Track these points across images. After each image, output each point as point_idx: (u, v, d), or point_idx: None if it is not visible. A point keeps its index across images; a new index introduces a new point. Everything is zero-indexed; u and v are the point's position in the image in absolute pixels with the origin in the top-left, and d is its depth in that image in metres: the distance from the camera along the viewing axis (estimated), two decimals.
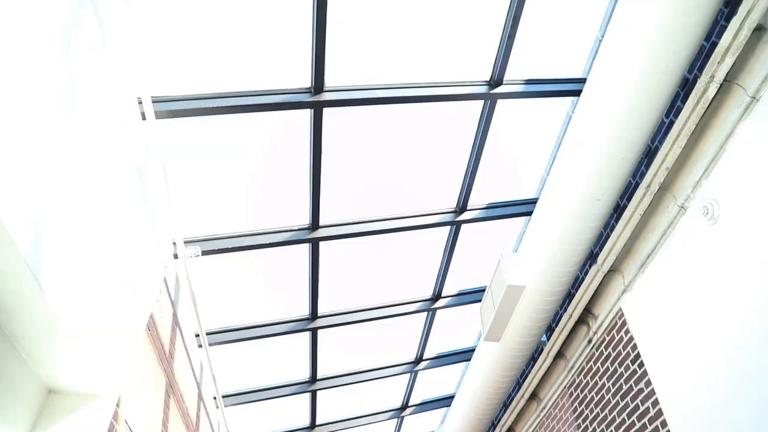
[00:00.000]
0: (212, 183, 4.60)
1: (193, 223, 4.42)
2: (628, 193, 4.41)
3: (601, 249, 4.69)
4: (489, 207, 5.07)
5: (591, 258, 4.88)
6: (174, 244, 4.19)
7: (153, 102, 3.46)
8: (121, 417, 3.31)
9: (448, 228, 5.12)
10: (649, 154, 4.17)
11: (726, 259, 3.17)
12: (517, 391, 6.11)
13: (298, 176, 4.38)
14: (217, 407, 6.14)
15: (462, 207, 4.93)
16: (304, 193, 4.45)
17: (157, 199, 3.60)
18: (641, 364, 3.96)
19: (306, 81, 3.76)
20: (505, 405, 6.80)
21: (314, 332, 5.53)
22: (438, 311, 5.95)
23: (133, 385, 3.48)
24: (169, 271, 4.09)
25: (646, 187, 3.72)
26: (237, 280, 5.33)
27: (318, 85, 3.73)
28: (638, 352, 4.01)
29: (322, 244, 4.69)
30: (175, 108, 3.55)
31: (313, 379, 6.22)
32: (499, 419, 6.85)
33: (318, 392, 6.50)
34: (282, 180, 4.71)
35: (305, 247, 4.73)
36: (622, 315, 4.25)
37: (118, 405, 3.25)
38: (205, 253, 4.33)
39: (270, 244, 4.46)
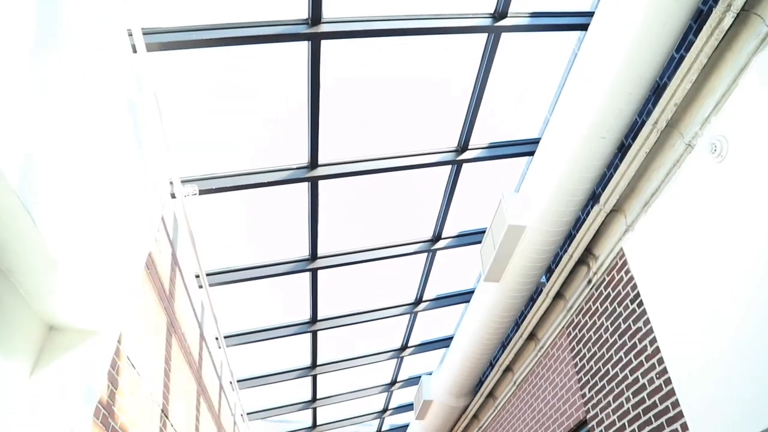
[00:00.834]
0: (208, 120, 4.49)
1: (189, 162, 4.34)
2: (633, 131, 4.32)
3: (603, 189, 4.64)
4: (491, 146, 4.98)
5: (593, 199, 4.83)
6: (171, 183, 4.13)
7: (144, 34, 3.32)
8: (123, 354, 3.33)
9: (449, 167, 5.05)
10: (657, 91, 4.06)
11: (732, 197, 3.12)
12: (516, 331, 6.18)
13: (296, 113, 4.28)
14: (219, 347, 6.23)
15: (463, 146, 4.84)
16: (302, 131, 4.35)
17: (151, 136, 3.51)
18: (640, 304, 3.97)
19: (303, 12, 3.61)
20: (504, 345, 6.91)
21: (314, 273, 5.54)
22: (438, 252, 5.94)
23: (134, 323, 3.49)
24: (166, 210, 4.05)
25: (653, 124, 3.63)
26: (236, 221, 5.29)
27: (315, 16, 3.58)
28: (638, 292, 4.01)
29: (321, 183, 4.63)
30: (167, 40, 3.41)
31: (314, 319, 6.28)
32: (498, 359, 6.97)
33: (318, 333, 6.58)
34: (280, 117, 4.60)
35: (304, 187, 4.67)
36: (623, 255, 4.23)
37: (119, 342, 3.27)
38: (202, 192, 4.27)
39: (268, 183, 4.40)
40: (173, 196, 4.19)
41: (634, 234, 4.08)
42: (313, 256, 5.35)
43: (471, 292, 6.82)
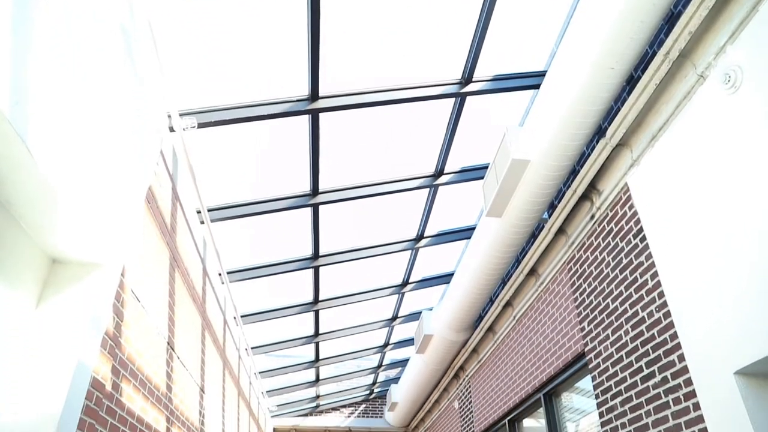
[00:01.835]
0: (206, 51, 4.35)
1: (187, 94, 4.24)
2: (644, 63, 4.20)
3: (610, 123, 4.56)
4: (495, 79, 4.85)
5: (599, 133, 4.75)
6: (169, 116, 4.04)
7: None
8: (127, 287, 3.34)
9: (452, 100, 4.94)
10: (670, 20, 3.92)
11: (743, 129, 3.04)
12: (517, 267, 6.22)
13: (296, 43, 4.14)
14: (222, 283, 6.29)
15: (467, 78, 4.71)
16: (302, 62, 4.22)
17: (146, 66, 3.40)
18: (643, 239, 3.96)
19: None
20: (504, 281, 6.98)
21: (315, 208, 5.52)
22: (440, 188, 5.90)
23: (137, 256, 3.49)
24: (165, 144, 3.98)
25: (665, 54, 3.51)
26: (236, 155, 5.22)
27: None
28: (641, 227, 4.00)
29: (321, 115, 4.53)
30: None
31: (316, 255, 6.31)
32: (498, 294, 7.06)
33: (320, 268, 6.62)
34: (279, 47, 4.45)
35: (305, 120, 4.58)
36: (628, 190, 4.19)
37: (123, 275, 3.27)
38: (201, 125, 4.19)
39: (268, 115, 4.30)
40: (172, 129, 4.12)
41: (640, 169, 4.03)
42: (315, 191, 5.31)
43: (472, 229, 6.82)
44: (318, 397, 11.76)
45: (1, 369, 2.61)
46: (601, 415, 4.40)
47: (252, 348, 8.36)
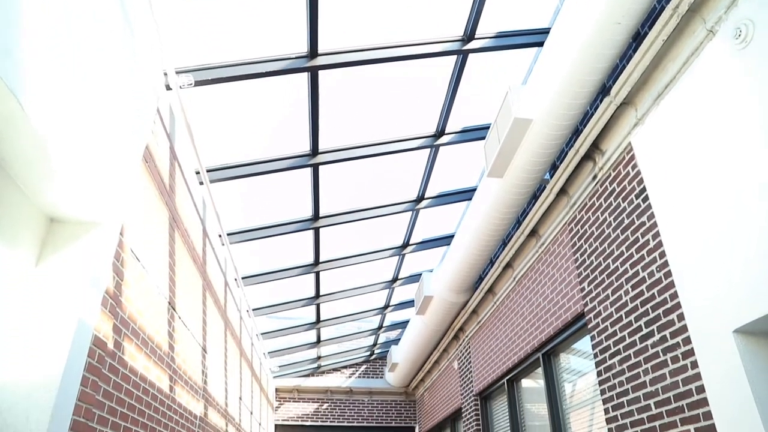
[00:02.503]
0: (201, 6, 4.24)
1: (184, 52, 4.14)
2: (651, 19, 4.09)
3: (615, 81, 4.47)
4: (498, 36, 4.74)
5: (603, 92, 4.67)
6: (165, 74, 3.96)
7: None
8: (126, 246, 3.33)
9: (454, 58, 4.83)
10: None
11: (752, 87, 2.98)
12: (517, 228, 6.21)
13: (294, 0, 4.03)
14: (223, 244, 6.29)
15: (470, 35, 4.60)
16: (301, 18, 4.12)
17: (141, 20, 3.31)
18: (645, 198, 3.93)
19: None
20: (504, 242, 6.98)
21: (315, 168, 5.47)
22: (441, 149, 5.84)
23: (135, 215, 3.46)
24: (162, 102, 3.91)
25: (674, 8, 3.42)
26: (234, 115, 5.15)
27: None
28: (644, 187, 3.96)
29: (321, 73, 4.44)
30: None
31: (316, 216, 6.29)
32: (498, 256, 7.07)
33: (321, 229, 6.61)
34: (277, 2, 4.34)
35: (304, 77, 4.49)
36: (631, 150, 4.14)
37: (122, 234, 3.26)
38: (198, 83, 4.12)
39: (266, 73, 4.22)
40: (168, 87, 4.04)
41: (644, 128, 3.97)
42: (314, 151, 5.25)
43: (473, 190, 6.78)
44: (319, 358, 11.93)
45: (3, 327, 2.62)
46: (599, 374, 4.44)
47: (253, 309, 8.42)
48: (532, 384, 6.38)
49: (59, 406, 2.56)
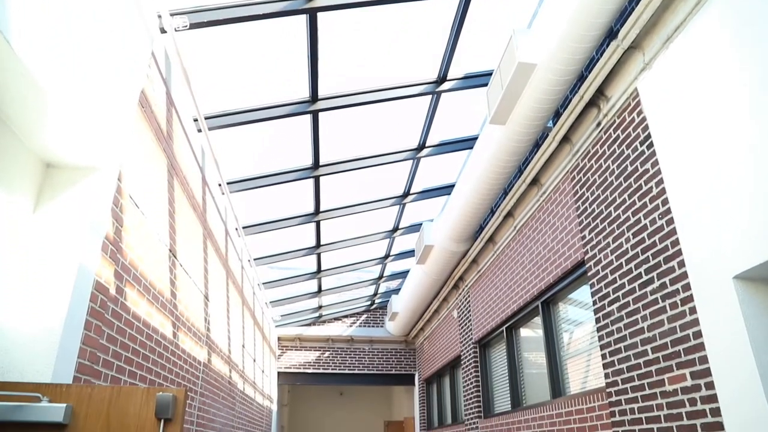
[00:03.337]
0: None
1: None
2: None
3: (622, 24, 4.35)
4: None
5: (610, 36, 4.55)
6: (159, 16, 3.84)
7: None
8: (124, 192, 3.30)
9: (456, 0, 4.68)
10: None
11: (765, 30, 2.88)
12: (519, 177, 6.17)
13: None
14: (223, 193, 6.26)
15: None
16: None
17: None
18: (650, 145, 3.88)
19: None
20: (506, 191, 6.95)
21: (315, 115, 5.38)
22: (443, 96, 5.74)
23: (133, 161, 3.42)
24: (156, 46, 3.81)
25: None
26: (231, 60, 5.03)
27: None
28: (649, 133, 3.90)
29: (320, 15, 4.31)
30: None
31: (316, 165, 6.24)
32: (499, 205, 7.05)
33: (321, 178, 6.57)
34: None
35: (302, 20, 4.36)
36: (637, 95, 4.06)
37: (119, 180, 3.22)
38: (193, 26, 4.00)
39: (263, 15, 4.09)
40: (163, 30, 3.93)
41: (651, 72, 3.87)
42: (314, 97, 5.16)
43: (475, 139, 6.71)
44: (320, 307, 12.08)
45: (4, 272, 2.62)
46: (597, 320, 4.48)
47: (254, 259, 8.47)
48: (531, 334, 6.47)
49: (64, 348, 2.58)
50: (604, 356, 4.35)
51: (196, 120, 5.01)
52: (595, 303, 4.55)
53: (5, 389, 2.23)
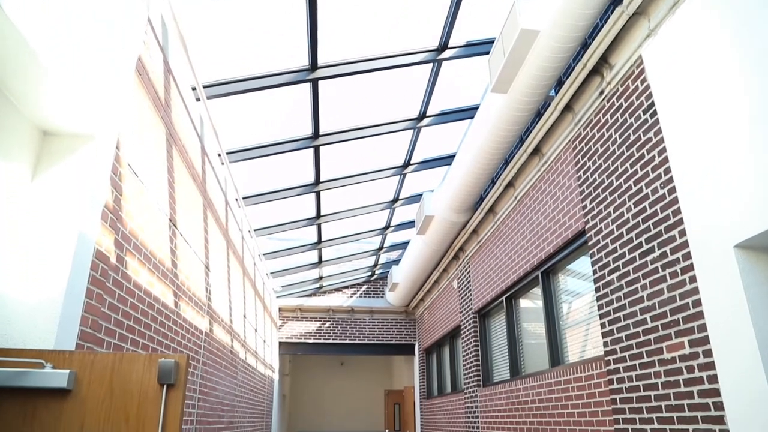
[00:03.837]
0: None
1: None
2: None
3: None
4: None
5: (614, 2, 4.46)
6: None
7: None
8: (123, 160, 3.28)
9: None
10: None
11: None
12: (520, 146, 6.13)
13: None
14: (222, 164, 6.23)
15: None
16: None
17: None
18: (654, 114, 3.83)
19: None
20: (507, 161, 6.91)
21: (314, 84, 5.31)
22: (444, 64, 5.66)
23: (131, 129, 3.39)
24: (152, 11, 3.74)
25: None
26: (228, 27, 4.94)
27: None
28: (653, 101, 3.85)
29: None
30: None
31: (316, 134, 6.19)
32: (500, 175, 7.02)
33: (321, 148, 6.53)
34: None
35: None
36: (641, 63, 4.00)
37: (118, 148, 3.19)
38: None
39: None
40: None
41: (657, 39, 3.81)
42: (314, 65, 5.09)
43: (476, 108, 6.64)
44: (321, 278, 12.14)
45: (4, 241, 2.61)
46: (597, 290, 4.50)
47: (255, 230, 8.47)
48: (530, 305, 6.50)
49: (65, 316, 2.59)
50: (603, 325, 4.38)
51: (194, 89, 4.95)
52: (595, 272, 4.56)
53: (8, 356, 2.25)
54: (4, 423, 2.17)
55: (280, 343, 12.87)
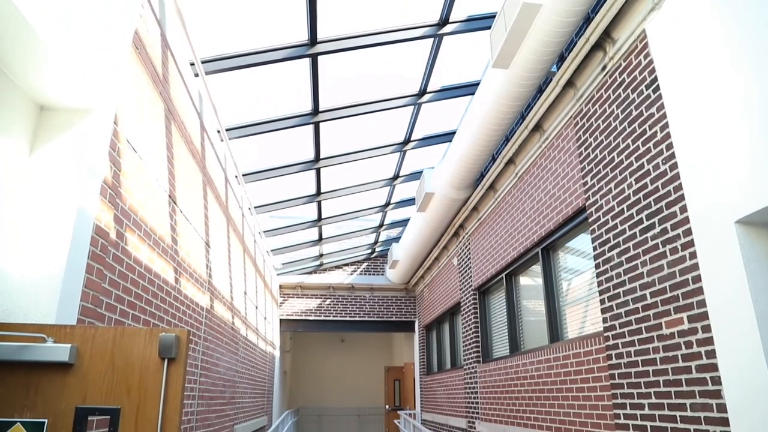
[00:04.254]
0: None
1: None
2: None
3: None
4: None
5: None
6: None
7: None
8: (121, 135, 3.25)
9: None
10: None
11: None
12: (521, 123, 6.09)
13: None
14: (222, 140, 6.19)
15: None
16: None
17: None
18: (656, 89, 3.80)
19: None
20: (507, 138, 6.88)
21: (314, 59, 5.26)
22: (444, 39, 5.59)
23: (129, 104, 3.36)
24: None
25: None
26: (227, 1, 4.88)
27: None
28: (656, 77, 3.81)
29: None
30: None
31: (316, 110, 6.15)
32: (500, 152, 6.99)
33: (321, 124, 6.49)
34: None
35: None
36: (645, 38, 3.95)
37: (116, 123, 3.17)
38: None
39: None
40: None
41: (661, 13, 3.76)
42: (313, 40, 5.03)
43: (477, 84, 6.58)
44: (321, 255, 12.17)
45: (3, 216, 2.60)
46: (597, 266, 4.50)
47: (255, 207, 8.46)
48: (530, 282, 6.52)
49: (66, 292, 2.60)
50: (602, 301, 4.39)
51: (192, 64, 4.90)
52: (595, 249, 4.56)
53: (10, 330, 2.25)
54: (7, 396, 2.19)
55: (280, 320, 12.95)
